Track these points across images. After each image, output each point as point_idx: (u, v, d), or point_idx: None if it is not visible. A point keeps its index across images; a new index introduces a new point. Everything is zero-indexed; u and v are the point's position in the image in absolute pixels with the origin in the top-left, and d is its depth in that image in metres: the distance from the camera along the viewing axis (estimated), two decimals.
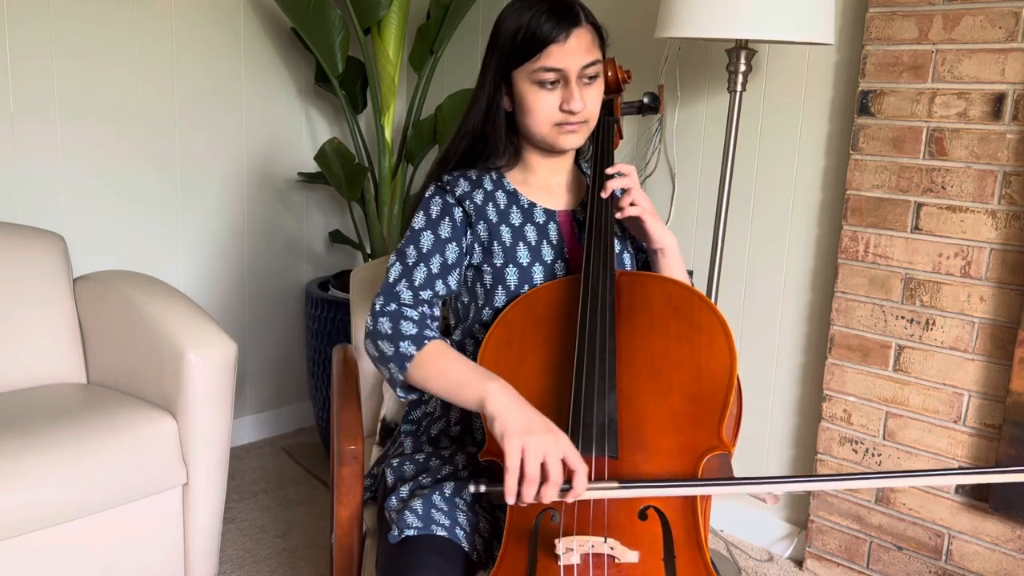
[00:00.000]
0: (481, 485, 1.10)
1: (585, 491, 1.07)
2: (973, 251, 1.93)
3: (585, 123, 1.33)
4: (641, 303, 1.28)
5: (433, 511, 1.24)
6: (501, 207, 1.38)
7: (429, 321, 1.30)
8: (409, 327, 1.26)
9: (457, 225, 1.35)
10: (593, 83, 1.32)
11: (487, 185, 1.39)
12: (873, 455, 2.12)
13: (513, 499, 1.06)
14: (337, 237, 2.91)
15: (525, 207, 1.39)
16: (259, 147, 2.82)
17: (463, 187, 1.37)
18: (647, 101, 1.58)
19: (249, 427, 2.95)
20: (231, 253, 2.82)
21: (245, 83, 2.75)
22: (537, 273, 1.35)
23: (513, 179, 1.41)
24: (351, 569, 1.39)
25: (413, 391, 1.29)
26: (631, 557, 1.07)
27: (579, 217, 1.42)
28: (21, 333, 2.04)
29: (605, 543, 1.07)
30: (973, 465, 1.97)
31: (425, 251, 1.33)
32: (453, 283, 1.35)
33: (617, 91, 1.47)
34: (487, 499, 1.28)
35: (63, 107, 2.35)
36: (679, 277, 1.38)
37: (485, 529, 1.26)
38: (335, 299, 2.63)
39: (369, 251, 2.82)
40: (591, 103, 1.32)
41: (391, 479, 1.37)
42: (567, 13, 1.28)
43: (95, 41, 2.38)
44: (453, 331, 1.43)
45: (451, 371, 1.21)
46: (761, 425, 2.38)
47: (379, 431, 1.65)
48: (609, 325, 1.22)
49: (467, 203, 1.36)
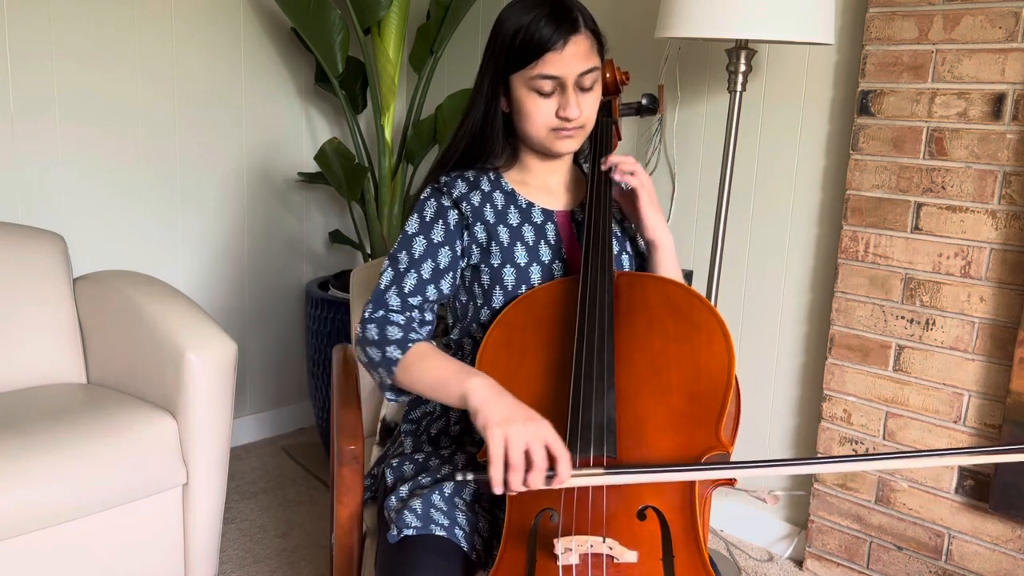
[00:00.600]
0: (468, 474, 1.10)
1: (571, 477, 1.07)
2: (973, 251, 1.93)
3: (582, 128, 1.33)
4: (640, 303, 1.28)
5: (432, 511, 1.24)
6: (499, 207, 1.38)
7: (416, 325, 1.31)
8: (395, 332, 1.27)
9: (451, 228, 1.35)
10: (590, 89, 1.31)
11: (484, 186, 1.38)
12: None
13: (500, 488, 1.06)
14: (337, 237, 2.91)
15: (523, 207, 1.39)
16: (259, 147, 2.83)
17: (460, 188, 1.37)
18: (645, 102, 1.58)
19: (249, 427, 2.95)
20: (231, 253, 2.82)
21: (245, 83, 2.75)
22: (534, 273, 1.35)
23: (511, 179, 1.41)
24: (351, 569, 1.39)
25: (403, 394, 1.29)
26: (630, 557, 1.07)
27: (578, 217, 1.42)
28: (21, 333, 2.04)
29: (604, 543, 1.07)
30: (972, 464, 1.97)
31: (417, 256, 1.34)
32: (446, 287, 1.35)
33: (615, 92, 1.47)
34: (478, 490, 1.28)
35: (63, 107, 2.36)
36: (674, 277, 1.38)
37: (485, 529, 1.26)
38: (335, 299, 2.63)
39: (369, 251, 2.82)
40: (588, 109, 1.31)
41: (391, 479, 1.38)
42: (566, 19, 1.27)
43: (95, 41, 2.38)
44: (452, 331, 1.43)
45: (435, 370, 1.22)
46: (761, 425, 2.38)
47: (379, 431, 1.65)
48: (608, 325, 1.22)
49: (464, 205, 1.36)
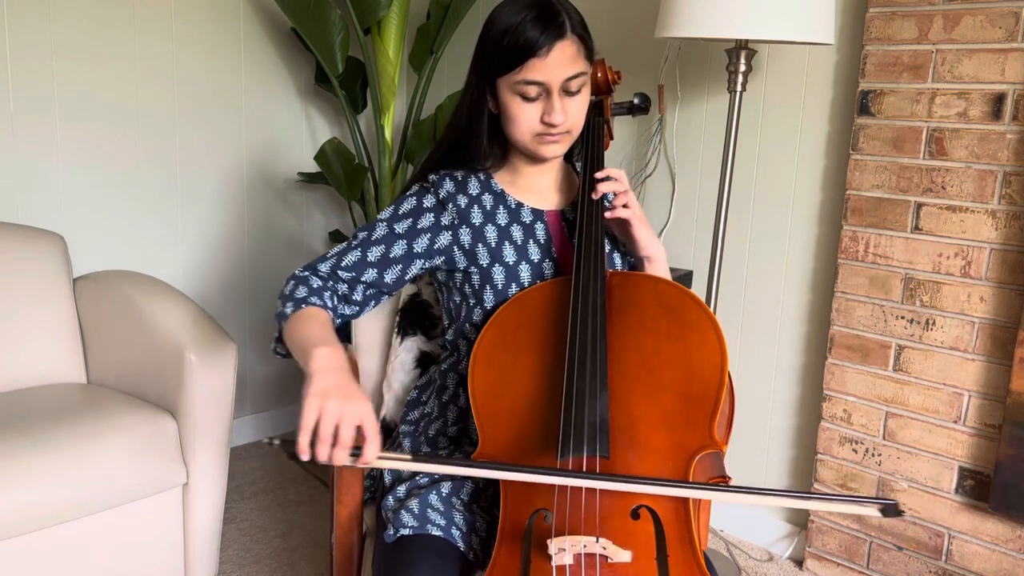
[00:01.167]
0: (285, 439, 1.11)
1: (376, 459, 1.08)
2: (973, 251, 1.92)
3: (567, 133, 1.31)
4: (632, 303, 1.28)
5: (429, 511, 1.24)
6: (487, 208, 1.37)
7: (331, 296, 1.31)
8: (302, 291, 1.29)
9: (417, 228, 1.34)
10: (577, 93, 1.29)
11: (473, 186, 1.38)
12: (873, 455, 2.12)
13: (306, 455, 1.06)
14: (337, 237, 2.91)
15: (512, 207, 1.38)
16: (259, 147, 2.83)
17: (448, 187, 1.36)
18: (637, 102, 1.58)
19: (249, 427, 2.95)
20: (231, 253, 2.82)
21: (245, 83, 2.75)
22: (524, 272, 1.35)
23: (501, 180, 1.40)
24: (351, 569, 1.40)
25: (289, 354, 1.28)
26: (624, 557, 1.07)
27: (569, 217, 1.41)
28: (21, 333, 2.04)
29: (597, 543, 1.07)
30: (972, 465, 1.97)
31: (373, 239, 1.35)
32: (388, 277, 1.34)
33: (607, 92, 1.46)
34: (477, 490, 1.29)
35: (63, 107, 2.36)
36: None
37: (482, 528, 1.27)
38: None
39: None
40: (574, 114, 1.29)
41: (388, 479, 1.38)
42: (552, 23, 1.24)
43: (95, 41, 2.39)
44: (447, 332, 1.43)
45: (305, 332, 1.21)
46: (761, 425, 2.38)
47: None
48: (600, 325, 1.22)
49: (450, 205, 1.35)
